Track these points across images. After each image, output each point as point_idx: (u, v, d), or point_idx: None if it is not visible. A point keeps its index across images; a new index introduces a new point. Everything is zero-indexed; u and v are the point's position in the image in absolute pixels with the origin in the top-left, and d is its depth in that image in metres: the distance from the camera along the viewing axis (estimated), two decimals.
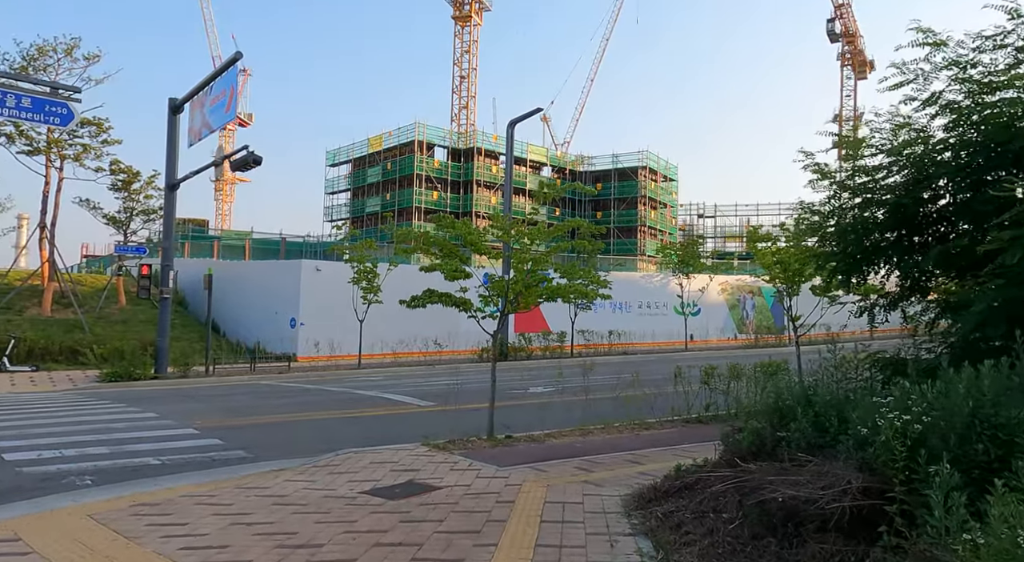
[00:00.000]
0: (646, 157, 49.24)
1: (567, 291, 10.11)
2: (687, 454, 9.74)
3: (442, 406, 15.67)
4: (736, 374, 13.57)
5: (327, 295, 26.20)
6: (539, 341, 29.97)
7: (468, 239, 10.25)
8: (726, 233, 63.20)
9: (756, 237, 14.60)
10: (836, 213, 7.74)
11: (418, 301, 9.74)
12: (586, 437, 11.38)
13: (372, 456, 9.66)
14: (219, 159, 18.07)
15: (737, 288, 41.18)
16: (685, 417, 13.03)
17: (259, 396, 17.15)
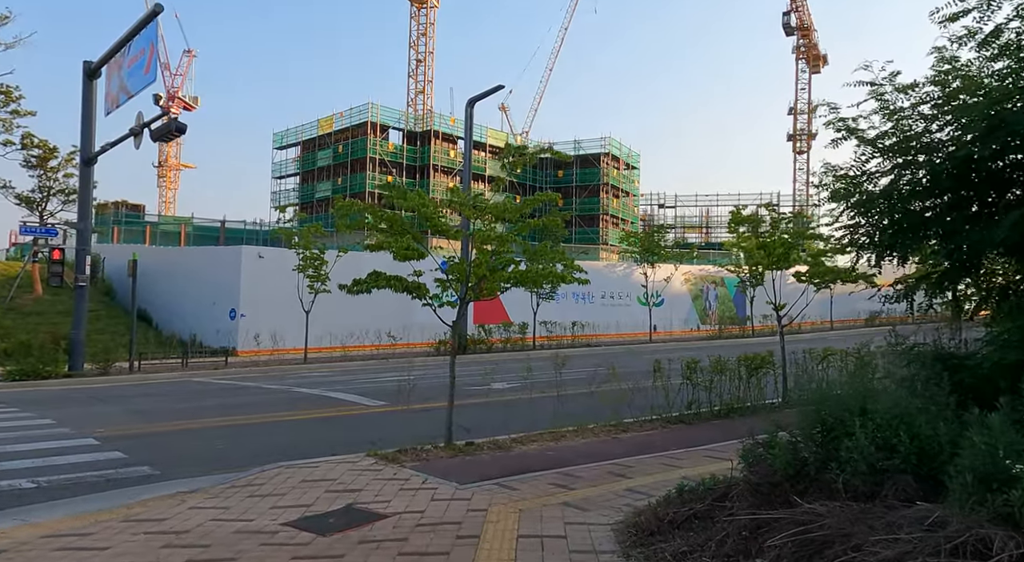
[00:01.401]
0: (609, 143, 48.10)
1: (538, 276, 8.62)
2: (676, 463, 8.38)
3: (394, 406, 14.07)
4: (720, 368, 12.32)
5: (271, 284, 24.17)
6: (500, 333, 28.50)
7: (423, 213, 8.65)
8: (686, 223, 62.80)
9: (740, 218, 13.35)
10: (865, 178, 6.40)
11: (362, 286, 8.12)
12: (559, 442, 9.94)
13: (306, 471, 8.01)
14: (138, 127, 15.99)
15: (700, 278, 40.46)
16: (666, 416, 11.73)
17: (185, 396, 15.22)
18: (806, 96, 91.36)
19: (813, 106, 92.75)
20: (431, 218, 8.73)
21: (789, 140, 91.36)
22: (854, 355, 14.81)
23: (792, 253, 13.27)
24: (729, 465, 8.36)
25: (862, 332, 37.84)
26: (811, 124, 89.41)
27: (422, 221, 8.99)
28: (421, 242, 8.81)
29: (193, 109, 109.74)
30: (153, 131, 15.32)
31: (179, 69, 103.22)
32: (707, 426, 11.35)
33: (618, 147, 49.22)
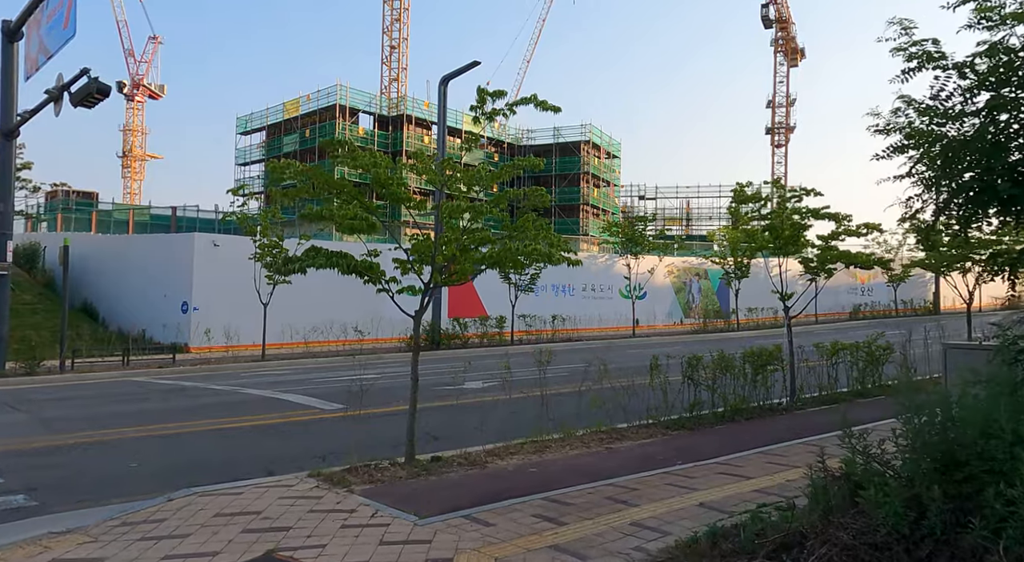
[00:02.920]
0: (589, 131, 46.52)
1: (520, 255, 7.01)
2: (688, 484, 6.84)
3: (353, 410, 12.36)
4: (725, 366, 10.83)
5: (227, 275, 22.23)
6: (476, 327, 26.85)
7: (377, 176, 6.98)
8: (667, 216, 61.64)
9: (744, 197, 11.86)
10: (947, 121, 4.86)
11: (296, 264, 6.42)
12: (543, 455, 8.36)
13: (226, 499, 6.32)
14: (56, 90, 14.03)
15: (684, 270, 39.17)
16: (664, 420, 10.22)
17: (113, 400, 13.36)
18: (784, 89, 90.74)
19: (791, 99, 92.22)
20: (385, 182, 7.06)
21: (767, 133, 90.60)
22: (865, 349, 13.51)
23: (801, 236, 11.80)
24: (753, 486, 6.89)
25: (850, 325, 36.91)
26: (789, 117, 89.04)
27: (377, 187, 7.32)
28: (376, 213, 7.13)
29: (159, 97, 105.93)
30: (73, 94, 13.38)
31: (144, 56, 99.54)
32: (712, 432, 9.86)
33: (599, 135, 47.66)
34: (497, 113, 7.14)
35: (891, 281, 40.69)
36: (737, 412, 10.82)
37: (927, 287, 48.24)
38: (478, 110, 7.06)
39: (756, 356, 11.21)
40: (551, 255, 6.82)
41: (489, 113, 7.07)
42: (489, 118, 7.08)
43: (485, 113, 7.03)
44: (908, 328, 16.21)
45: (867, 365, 13.38)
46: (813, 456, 8.41)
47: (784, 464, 7.68)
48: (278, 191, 6.85)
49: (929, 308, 46.33)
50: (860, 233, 11.60)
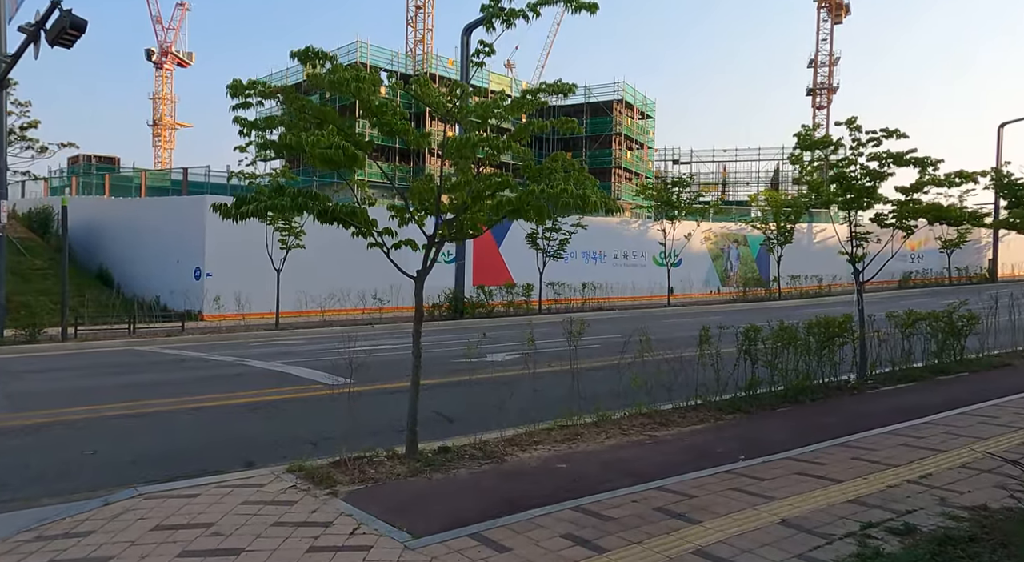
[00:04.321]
0: (622, 89, 44.10)
1: (546, 197, 5.50)
2: (760, 491, 5.35)
3: (360, 386, 11.13)
4: (789, 338, 9.24)
5: (241, 240, 20.97)
6: (502, 295, 25.44)
7: (363, 100, 5.51)
8: (702, 181, 59.04)
9: (810, 142, 10.09)
10: None
11: (251, 206, 4.97)
12: (573, 444, 6.96)
13: (176, 504, 5.05)
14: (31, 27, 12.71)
15: (722, 237, 37.13)
16: (715, 401, 8.74)
17: (103, 371, 12.32)
18: (827, 47, 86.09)
19: (834, 58, 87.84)
20: (375, 109, 5.58)
21: (808, 95, 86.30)
22: (945, 319, 11.76)
23: (878, 186, 10.06)
24: (844, 493, 5.31)
25: (901, 294, 34.58)
26: (832, 77, 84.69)
27: (366, 116, 5.84)
28: (366, 148, 5.66)
29: (188, 65, 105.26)
30: (48, 31, 12.10)
31: (172, 23, 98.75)
32: (774, 417, 8.35)
33: (632, 94, 45.18)
34: (516, 15, 5.57)
35: (944, 247, 38.10)
36: (800, 392, 9.28)
37: (983, 254, 45.39)
38: None
39: (823, 327, 9.60)
40: (585, 198, 5.30)
41: (507, 15, 5.51)
42: (507, 22, 5.52)
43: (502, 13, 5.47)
44: (976, 296, 14.29)
45: (947, 337, 11.67)
46: (908, 451, 6.91)
47: (876, 462, 6.16)
48: (244, 120, 5.42)
49: (985, 276, 43.55)
50: (951, 182, 9.80)
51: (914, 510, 4.84)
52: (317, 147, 4.80)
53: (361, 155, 5.07)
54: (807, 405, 9.00)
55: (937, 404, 8.81)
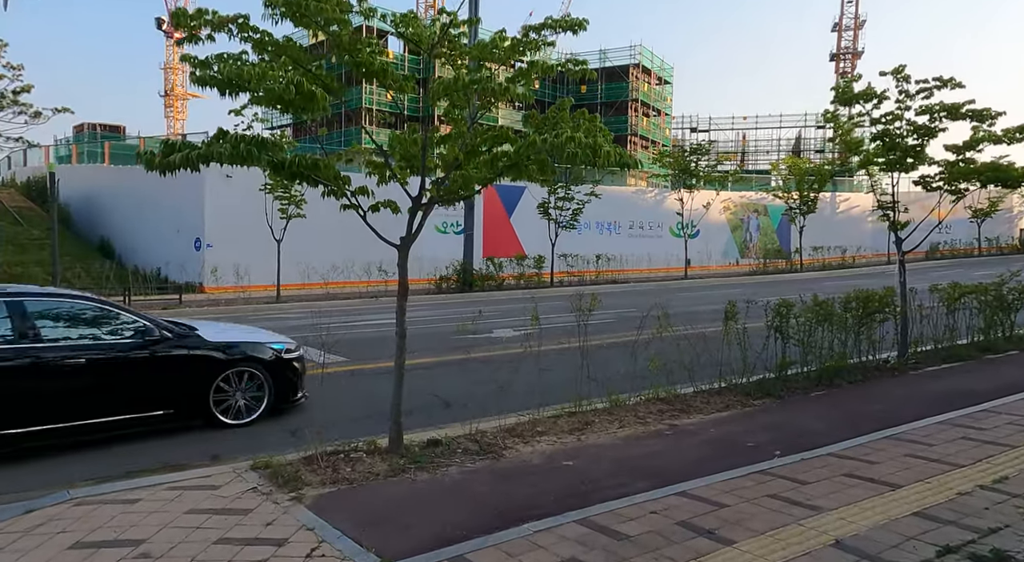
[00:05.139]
0: (639, 53, 42.36)
1: (550, 148, 4.57)
2: (802, 499, 4.49)
3: (355, 364, 10.44)
4: (825, 314, 8.29)
5: (241, 210, 20.36)
6: (512, 267, 24.56)
7: (337, 37, 4.57)
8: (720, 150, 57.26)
9: (850, 95, 9.00)
10: None
11: (171, 158, 4.02)
12: (582, 435, 6.13)
13: (110, 512, 4.28)
14: None
15: (742, 206, 35.85)
16: (741, 384, 7.86)
17: None
18: (852, 10, 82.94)
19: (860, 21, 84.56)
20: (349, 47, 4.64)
21: (832, 60, 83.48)
22: (994, 292, 10.74)
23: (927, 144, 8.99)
24: (907, 503, 4.31)
25: (929, 265, 33.16)
26: (857, 41, 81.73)
27: (340, 56, 4.91)
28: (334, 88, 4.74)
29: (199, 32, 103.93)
30: None
31: None
32: (809, 403, 7.46)
33: (650, 58, 43.37)
34: None
35: (975, 216, 36.56)
36: (836, 373, 8.36)
37: (1014, 223, 43.69)
38: None
39: (862, 301, 8.63)
40: (595, 148, 4.37)
41: None
42: None
43: None
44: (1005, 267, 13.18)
45: (994, 312, 10.65)
46: (972, 446, 6.00)
47: (936, 460, 5.26)
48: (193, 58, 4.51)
49: (1017, 246, 41.94)
50: (1012, 137, 8.69)
51: (999, 528, 3.96)
52: (263, 81, 3.90)
53: (320, 93, 4.15)
54: (844, 388, 8.10)
55: (990, 388, 7.87)
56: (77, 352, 5.84)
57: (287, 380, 7.23)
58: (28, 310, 5.82)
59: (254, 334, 7.61)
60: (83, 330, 6.08)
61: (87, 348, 5.93)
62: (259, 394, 6.91)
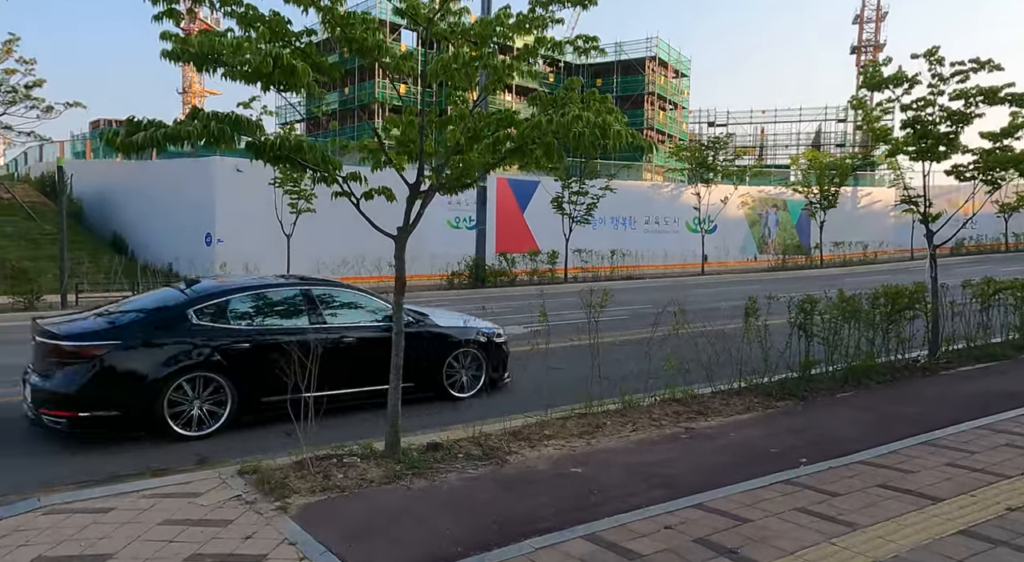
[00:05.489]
0: (655, 45, 41.64)
1: (557, 130, 4.19)
2: (832, 510, 4.11)
3: None
4: (852, 311, 7.83)
5: (252, 204, 20.15)
6: (525, 263, 24.17)
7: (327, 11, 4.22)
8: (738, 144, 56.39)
9: (879, 80, 8.50)
10: None
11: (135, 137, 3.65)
12: (592, 439, 5.75)
13: (80, 522, 3.99)
14: None
15: (760, 201, 35.15)
16: (762, 384, 7.43)
17: None
18: (875, 1, 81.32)
19: (882, 12, 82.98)
20: (340, 21, 4.28)
21: (852, 53, 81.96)
22: None
23: (962, 131, 8.48)
24: (950, 520, 3.76)
25: (955, 261, 32.28)
26: (879, 33, 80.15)
27: (332, 32, 4.55)
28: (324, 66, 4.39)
29: None
30: None
31: None
32: (835, 405, 7.02)
33: (666, 50, 42.67)
34: None
35: (1002, 211, 35.55)
36: (864, 373, 7.90)
37: None
38: None
39: (892, 297, 8.16)
40: (605, 128, 3.99)
41: None
42: None
43: None
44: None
45: None
46: (1017, 454, 5.52)
47: (979, 470, 4.83)
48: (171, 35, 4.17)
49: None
50: None
51: None
52: (237, 54, 3.55)
53: (301, 67, 3.79)
54: (873, 389, 7.65)
55: None
56: (348, 330, 6.82)
57: (499, 360, 8.03)
58: (314, 294, 6.89)
59: (470, 320, 8.26)
60: (350, 312, 7.06)
61: (355, 328, 6.91)
62: (478, 373, 7.75)
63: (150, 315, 6.17)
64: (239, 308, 6.44)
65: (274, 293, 6.81)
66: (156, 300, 6.56)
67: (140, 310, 6.30)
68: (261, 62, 3.58)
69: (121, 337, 5.79)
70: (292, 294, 6.82)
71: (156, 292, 7.00)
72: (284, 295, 6.81)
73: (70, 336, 5.76)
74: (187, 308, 6.21)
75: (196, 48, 3.69)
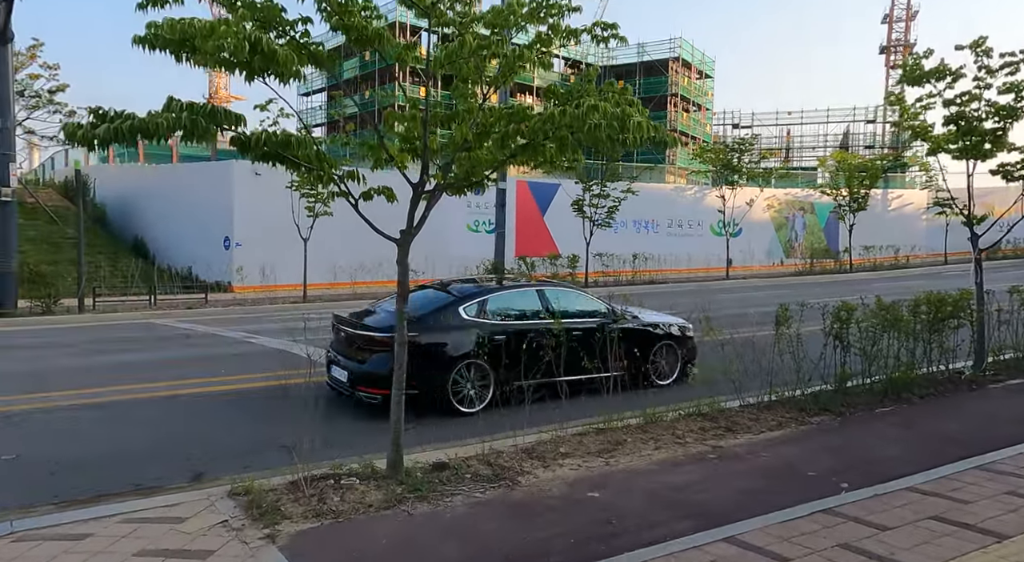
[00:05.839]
0: (679, 46, 40.95)
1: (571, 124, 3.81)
2: (883, 546, 3.63)
3: None
4: (893, 320, 7.30)
5: (270, 208, 19.96)
6: (545, 267, 23.72)
7: None
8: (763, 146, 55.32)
9: (920, 74, 7.98)
10: None
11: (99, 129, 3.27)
12: (612, 458, 5.33)
13: (51, 551, 3.69)
14: None
15: (787, 204, 34.32)
16: (795, 398, 6.94)
17: (92, 348, 11.27)
18: (904, 1, 79.59)
19: (912, 11, 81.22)
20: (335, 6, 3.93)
21: (881, 53, 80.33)
22: None
23: (1010, 128, 7.93)
24: None
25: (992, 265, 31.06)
26: (909, 33, 78.43)
27: (328, 18, 4.21)
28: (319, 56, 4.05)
29: None
30: None
31: None
32: (875, 421, 6.52)
33: (690, 51, 41.96)
34: None
35: None
36: (905, 386, 7.37)
37: None
38: None
39: (936, 305, 7.61)
40: (623, 119, 3.61)
41: None
42: None
43: None
44: None
45: None
46: None
47: None
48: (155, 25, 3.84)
49: None
50: None
51: None
52: (211, 38, 3.22)
53: (283, 54, 3.45)
54: (915, 403, 7.12)
55: None
56: (575, 325, 7.42)
57: (689, 351, 8.58)
58: (547, 294, 7.87)
59: (664, 316, 8.94)
60: (575, 309, 7.90)
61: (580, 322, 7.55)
62: (673, 361, 8.39)
63: (433, 313, 7.20)
64: (495, 306, 7.46)
65: (518, 293, 7.92)
66: (428, 300, 7.54)
67: (422, 308, 7.22)
68: (237, 47, 3.25)
69: (418, 330, 6.67)
70: (531, 293, 7.88)
71: (417, 293, 7.78)
72: (525, 294, 7.88)
73: (382, 329, 6.82)
74: (458, 306, 7.27)
75: (168, 33, 3.36)
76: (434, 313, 7.20)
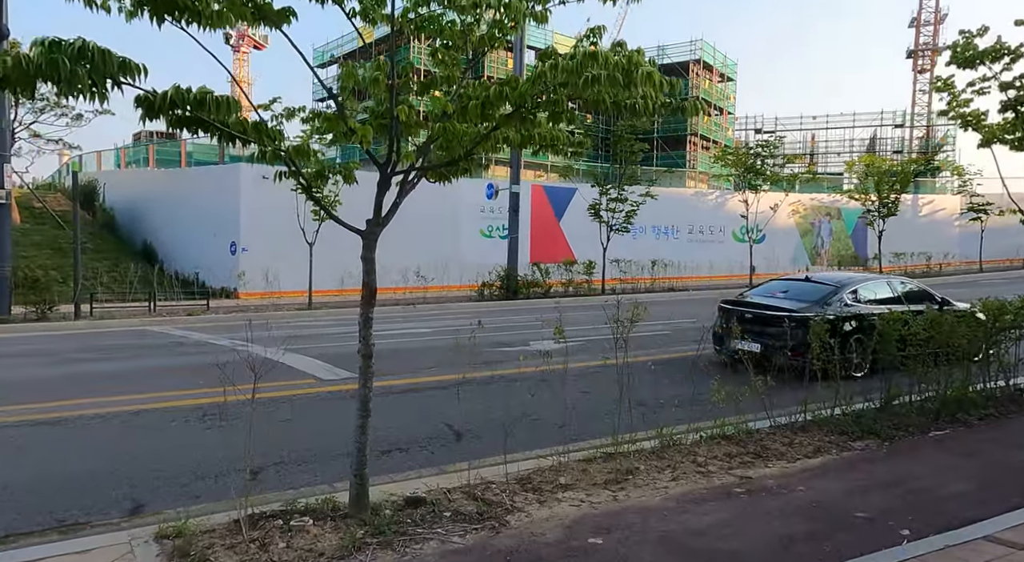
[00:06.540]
0: (700, 48, 39.98)
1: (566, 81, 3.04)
2: None
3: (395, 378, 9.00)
4: (947, 332, 6.38)
5: (277, 213, 19.41)
6: (560, 273, 22.87)
7: None
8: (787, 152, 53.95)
9: (973, 55, 7.10)
10: None
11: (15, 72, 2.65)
12: (621, 492, 4.52)
13: None
14: None
15: (812, 209, 33.16)
16: (833, 418, 6.06)
17: (79, 356, 10.66)
18: (932, 3, 77.81)
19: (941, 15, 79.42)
20: None
21: (909, 57, 78.49)
22: None
23: None
24: None
25: None
26: (937, 36, 76.55)
27: None
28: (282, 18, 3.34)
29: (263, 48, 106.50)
30: None
31: None
32: (928, 448, 5.61)
33: (712, 54, 41.01)
34: None
35: None
36: (959, 406, 6.44)
37: None
38: None
39: (995, 313, 6.68)
40: (629, 70, 2.84)
41: None
42: None
43: None
44: None
45: None
46: None
47: None
48: None
49: None
50: None
51: None
52: None
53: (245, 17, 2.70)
54: (974, 427, 6.20)
55: None
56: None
57: None
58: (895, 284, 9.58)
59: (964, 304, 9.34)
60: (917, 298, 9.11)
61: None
62: None
63: (824, 297, 8.86)
64: (863, 294, 9.09)
65: (875, 284, 9.52)
66: (806, 289, 9.33)
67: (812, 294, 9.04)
68: None
69: (816, 311, 8.02)
70: (883, 284, 9.49)
71: (787, 283, 10.00)
72: (880, 285, 9.47)
73: (798, 310, 8.48)
74: (839, 293, 8.94)
75: None
76: (825, 298, 8.85)
